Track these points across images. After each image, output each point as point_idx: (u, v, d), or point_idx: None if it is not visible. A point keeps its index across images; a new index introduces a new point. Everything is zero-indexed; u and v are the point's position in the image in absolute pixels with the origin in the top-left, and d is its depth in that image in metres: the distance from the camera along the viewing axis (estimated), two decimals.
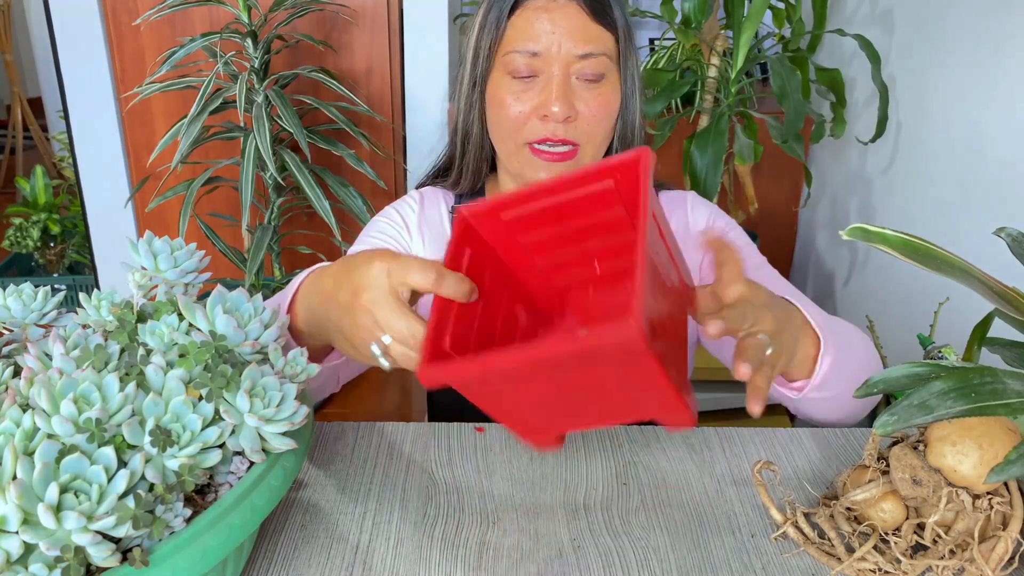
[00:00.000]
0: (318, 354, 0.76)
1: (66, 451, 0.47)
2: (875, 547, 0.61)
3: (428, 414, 1.05)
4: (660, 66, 2.27)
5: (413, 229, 0.99)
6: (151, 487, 0.49)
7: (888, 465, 0.62)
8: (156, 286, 0.64)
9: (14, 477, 0.45)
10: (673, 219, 0.97)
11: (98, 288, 0.82)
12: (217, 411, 0.53)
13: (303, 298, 0.73)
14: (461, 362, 0.53)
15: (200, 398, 0.53)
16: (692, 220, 0.97)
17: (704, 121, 2.01)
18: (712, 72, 1.99)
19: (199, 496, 0.54)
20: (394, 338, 0.59)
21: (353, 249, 1.00)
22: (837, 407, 0.79)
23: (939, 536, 0.59)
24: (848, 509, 0.64)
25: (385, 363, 0.62)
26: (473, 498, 0.71)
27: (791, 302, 0.74)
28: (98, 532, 0.46)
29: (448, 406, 0.98)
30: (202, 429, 0.52)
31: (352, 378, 0.94)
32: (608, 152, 0.95)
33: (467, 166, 0.97)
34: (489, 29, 0.89)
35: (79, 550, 0.45)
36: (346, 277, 0.62)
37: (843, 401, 0.78)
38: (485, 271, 0.62)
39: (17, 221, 2.64)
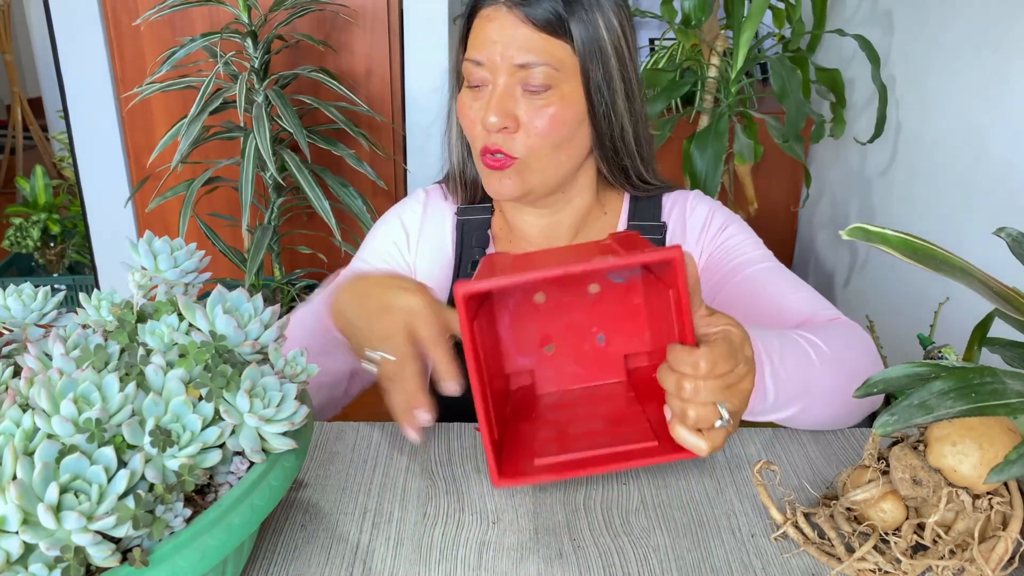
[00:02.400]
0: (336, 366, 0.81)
1: (66, 451, 0.47)
2: (875, 547, 0.62)
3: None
4: (660, 66, 2.27)
5: (414, 239, 0.99)
6: (151, 487, 0.49)
7: (888, 465, 0.62)
8: (156, 286, 0.64)
9: (14, 477, 0.45)
10: (672, 215, 0.97)
11: (98, 288, 0.82)
12: (217, 411, 0.53)
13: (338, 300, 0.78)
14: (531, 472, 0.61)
15: (200, 398, 0.53)
16: (690, 219, 0.97)
17: (704, 121, 2.01)
18: (712, 72, 1.99)
19: (199, 496, 0.54)
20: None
21: (353, 266, 1.00)
22: (810, 419, 0.79)
23: (939, 536, 0.59)
24: (848, 509, 0.64)
25: (373, 369, 0.70)
26: (473, 498, 0.71)
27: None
28: (98, 532, 0.46)
29: (449, 406, 0.98)
30: (202, 429, 0.52)
31: (363, 390, 0.95)
32: (606, 165, 0.93)
33: (455, 179, 0.98)
34: (460, 40, 0.90)
35: (79, 550, 0.45)
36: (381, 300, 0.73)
37: (813, 413, 0.77)
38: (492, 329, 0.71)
39: (17, 221, 2.64)
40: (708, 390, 0.55)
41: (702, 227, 0.95)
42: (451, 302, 0.96)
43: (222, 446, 0.54)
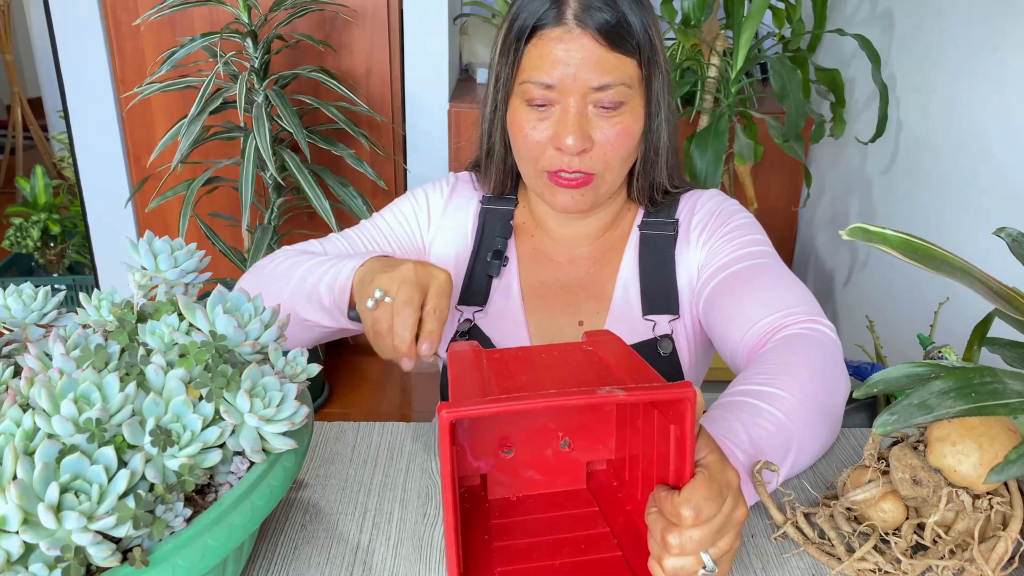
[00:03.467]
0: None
1: (66, 451, 0.47)
2: (875, 547, 0.62)
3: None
4: None
5: (436, 216, 1.01)
6: (151, 487, 0.49)
7: (888, 465, 0.62)
8: (156, 286, 0.64)
9: (14, 477, 0.45)
10: (683, 213, 0.97)
11: (98, 288, 0.82)
12: (217, 411, 0.53)
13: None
14: None
15: (200, 398, 0.53)
16: (696, 214, 0.96)
17: (704, 121, 2.01)
18: (712, 72, 1.99)
19: (199, 496, 0.54)
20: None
21: (365, 225, 1.02)
22: (802, 466, 0.74)
23: (939, 536, 0.59)
24: (848, 509, 0.64)
25: (369, 304, 0.73)
26: None
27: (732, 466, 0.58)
28: (98, 532, 0.46)
29: None
30: (202, 429, 0.52)
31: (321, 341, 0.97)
32: (632, 174, 0.94)
33: (490, 177, 0.99)
34: (507, 54, 0.88)
35: (79, 550, 0.45)
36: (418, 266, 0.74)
37: (801, 463, 0.74)
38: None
39: (17, 221, 2.64)
40: (694, 542, 0.51)
41: (705, 223, 0.95)
42: (465, 292, 0.97)
43: (222, 446, 0.54)
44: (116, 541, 0.48)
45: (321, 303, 0.83)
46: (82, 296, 0.62)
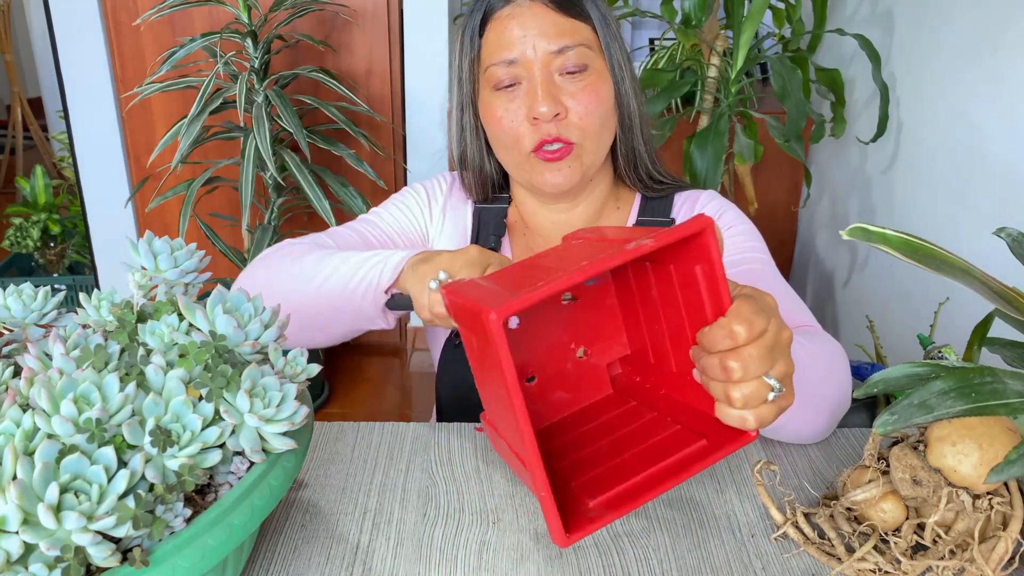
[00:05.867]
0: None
1: (66, 451, 0.47)
2: (875, 547, 0.62)
3: (437, 415, 1.05)
4: (660, 66, 2.26)
5: (436, 210, 1.01)
6: (151, 487, 0.49)
7: (888, 465, 0.62)
8: (156, 286, 0.64)
9: (14, 477, 0.45)
10: (682, 212, 0.97)
11: (98, 288, 0.82)
12: (217, 411, 0.53)
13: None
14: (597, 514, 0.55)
15: (200, 398, 0.53)
16: (698, 212, 0.96)
17: (704, 121, 2.01)
18: (712, 72, 1.99)
19: (199, 496, 0.54)
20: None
21: (376, 211, 1.01)
22: (804, 426, 0.76)
23: (939, 536, 0.59)
24: (848, 509, 0.64)
25: (433, 285, 0.68)
26: (473, 498, 0.71)
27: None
28: (98, 532, 0.46)
29: (454, 407, 0.98)
30: (202, 429, 0.52)
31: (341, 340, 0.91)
32: (615, 145, 0.94)
33: (469, 187, 1.00)
34: (466, 50, 0.91)
35: (79, 550, 0.45)
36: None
37: (805, 423, 0.76)
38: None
39: (17, 221, 2.64)
40: (755, 361, 0.51)
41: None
42: None
43: (222, 446, 0.54)
44: (116, 541, 0.48)
45: (354, 296, 0.78)
46: (82, 296, 0.62)
